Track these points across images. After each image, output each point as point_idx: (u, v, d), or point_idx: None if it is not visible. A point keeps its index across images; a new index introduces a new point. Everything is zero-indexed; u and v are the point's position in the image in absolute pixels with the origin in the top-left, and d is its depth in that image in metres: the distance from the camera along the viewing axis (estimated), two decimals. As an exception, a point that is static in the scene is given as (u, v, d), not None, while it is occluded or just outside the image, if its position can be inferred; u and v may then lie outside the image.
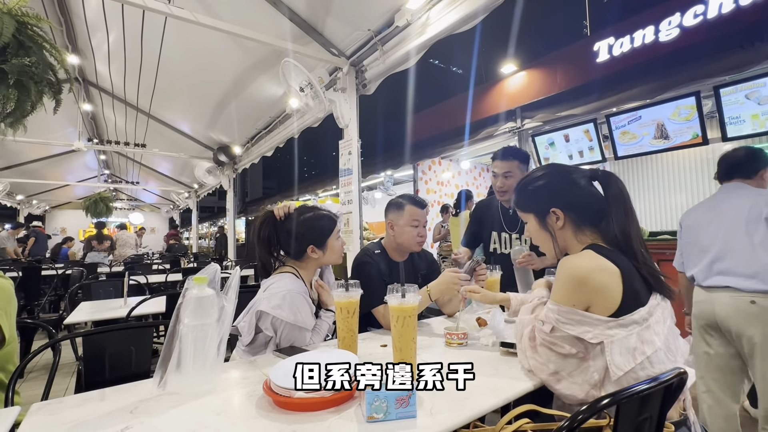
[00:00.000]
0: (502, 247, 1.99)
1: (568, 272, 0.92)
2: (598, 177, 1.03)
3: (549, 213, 1.03)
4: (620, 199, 0.98)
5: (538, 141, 4.41)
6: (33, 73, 1.75)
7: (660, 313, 0.90)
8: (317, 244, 1.39)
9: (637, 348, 0.84)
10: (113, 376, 1.27)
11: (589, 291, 0.88)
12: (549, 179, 1.06)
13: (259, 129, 5.62)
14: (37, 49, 1.79)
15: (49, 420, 0.80)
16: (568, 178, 1.03)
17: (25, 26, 1.75)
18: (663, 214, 5.82)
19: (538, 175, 1.08)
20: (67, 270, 4.91)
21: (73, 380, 2.83)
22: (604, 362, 0.86)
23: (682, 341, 0.96)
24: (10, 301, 1.07)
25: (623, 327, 0.86)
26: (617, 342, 0.85)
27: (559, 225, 1.02)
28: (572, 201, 1.01)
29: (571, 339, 0.90)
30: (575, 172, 1.05)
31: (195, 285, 0.99)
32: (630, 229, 0.96)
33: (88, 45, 4.32)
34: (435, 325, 1.58)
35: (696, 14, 3.15)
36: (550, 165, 1.12)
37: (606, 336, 0.86)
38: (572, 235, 1.01)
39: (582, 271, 0.90)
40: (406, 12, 2.66)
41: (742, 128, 3.06)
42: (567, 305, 0.90)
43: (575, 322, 0.89)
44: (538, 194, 1.06)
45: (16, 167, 7.84)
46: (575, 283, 0.90)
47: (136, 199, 13.83)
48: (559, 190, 1.03)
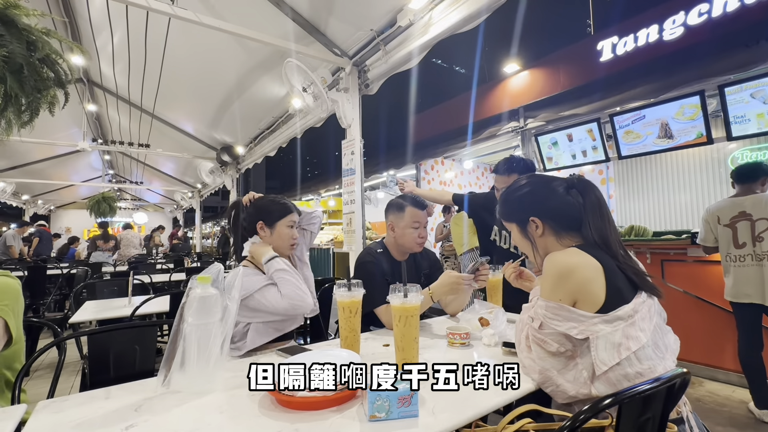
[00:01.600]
0: (501, 241, 2.02)
1: (553, 267, 0.95)
2: (575, 185, 1.07)
3: (528, 222, 1.07)
4: (597, 205, 1.03)
5: (541, 140, 4.40)
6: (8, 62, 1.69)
7: (646, 310, 0.91)
8: (266, 222, 1.48)
9: (622, 344, 0.86)
10: (118, 375, 1.28)
11: (574, 284, 0.90)
12: (528, 189, 1.11)
13: (262, 129, 5.64)
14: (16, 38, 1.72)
15: (55, 418, 0.81)
16: (547, 188, 1.08)
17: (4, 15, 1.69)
18: (667, 214, 5.78)
19: (518, 185, 1.14)
20: (71, 269, 4.94)
21: (78, 378, 2.85)
22: (591, 359, 0.88)
23: (672, 338, 0.98)
24: (17, 300, 1.08)
25: (608, 323, 0.88)
26: (602, 338, 0.87)
27: (539, 233, 1.06)
28: (550, 209, 1.06)
29: (558, 337, 0.92)
30: (553, 181, 1.10)
31: (199, 284, 1.00)
32: (608, 233, 1.00)
33: (93, 46, 4.35)
34: (437, 324, 1.58)
35: (700, 13, 3.13)
36: (529, 176, 1.17)
37: (591, 332, 0.88)
38: (554, 241, 1.05)
39: (567, 266, 0.93)
40: (408, 12, 2.66)
41: (747, 127, 3.04)
42: (554, 300, 0.93)
43: (562, 318, 0.91)
44: (519, 204, 1.12)
45: (22, 167, 7.91)
46: (560, 276, 0.92)
47: (140, 199, 13.91)
48: (538, 200, 1.08)
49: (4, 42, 1.72)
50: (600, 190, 1.07)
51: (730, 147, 5.05)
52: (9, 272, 1.11)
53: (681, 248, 2.97)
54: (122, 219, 12.54)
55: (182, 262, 5.92)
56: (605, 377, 0.87)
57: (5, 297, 1.04)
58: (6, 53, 1.71)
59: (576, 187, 1.06)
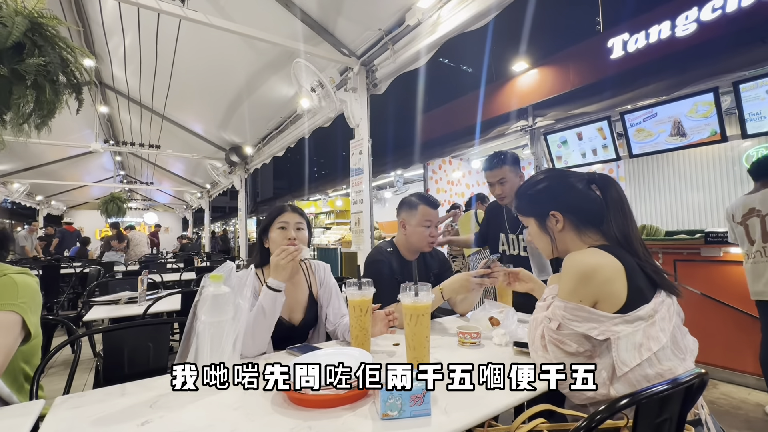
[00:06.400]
0: (510, 249, 2.01)
1: (574, 267, 0.93)
2: (596, 181, 1.05)
3: (548, 216, 1.05)
4: (618, 202, 1.00)
5: (551, 139, 4.36)
6: (48, 72, 1.78)
7: (665, 310, 0.90)
8: (264, 233, 1.41)
9: (643, 344, 0.85)
10: (132, 372, 1.30)
11: (596, 286, 0.89)
12: (547, 183, 1.09)
13: (271, 129, 5.68)
14: (52, 49, 1.82)
15: (73, 413, 0.83)
16: (566, 182, 1.06)
17: (40, 26, 1.78)
18: (680, 214, 5.69)
19: (537, 179, 1.12)
20: (84, 268, 5.03)
21: (92, 375, 2.90)
22: (610, 359, 0.87)
23: (691, 339, 0.96)
24: (34, 298, 1.10)
25: (629, 323, 0.86)
26: (623, 338, 0.86)
27: (559, 227, 1.04)
28: (571, 204, 1.04)
29: (578, 337, 0.90)
30: (573, 176, 1.08)
31: (211, 283, 1.01)
32: (630, 230, 0.98)
33: (105, 49, 4.42)
34: (448, 324, 1.57)
35: (714, 8, 3.07)
36: (548, 170, 1.16)
37: (612, 332, 0.86)
38: (575, 236, 1.03)
39: (589, 267, 0.91)
40: (416, 11, 2.66)
41: (763, 125, 2.97)
42: (574, 301, 0.91)
43: (582, 318, 0.89)
44: (538, 198, 1.09)
45: (36, 168, 8.06)
46: (581, 278, 0.90)
47: (150, 200, 14.09)
48: (558, 194, 1.06)
49: (44, 53, 1.79)
50: (621, 186, 1.05)
51: (745, 145, 4.94)
52: (28, 270, 1.14)
53: (694, 248, 2.92)
54: (132, 219, 12.72)
55: (192, 262, 5.98)
56: (625, 378, 0.85)
57: (23, 294, 1.06)
58: (43, 62, 1.77)
59: (596, 182, 1.04)
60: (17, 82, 1.75)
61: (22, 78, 1.75)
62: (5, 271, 1.09)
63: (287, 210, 1.41)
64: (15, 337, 1.02)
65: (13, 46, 1.69)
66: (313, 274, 1.52)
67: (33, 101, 1.87)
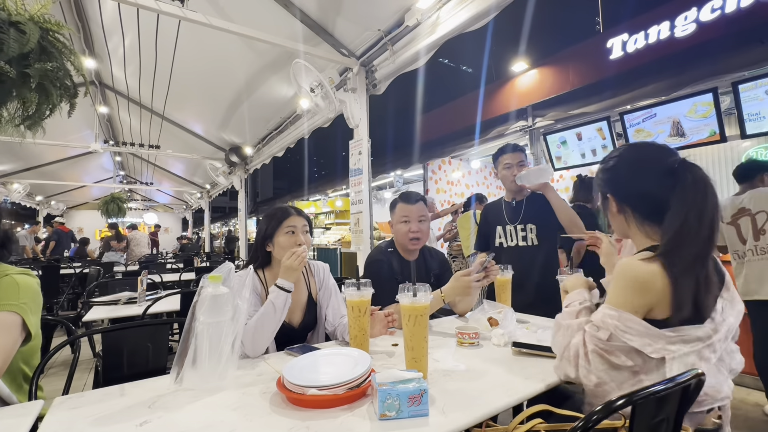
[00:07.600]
0: (507, 240, 2.02)
1: (631, 275, 0.85)
2: (675, 170, 0.91)
3: (609, 200, 1.00)
4: (694, 194, 0.86)
5: (550, 139, 4.36)
6: (54, 77, 1.82)
7: (725, 331, 0.85)
8: (267, 238, 1.39)
9: (695, 364, 0.81)
10: (131, 372, 1.30)
11: (653, 295, 0.83)
12: (614, 163, 1.01)
13: (270, 130, 5.68)
14: (58, 54, 1.85)
15: (72, 414, 0.83)
16: (637, 166, 0.97)
17: (46, 32, 1.81)
18: (679, 214, 5.69)
19: (611, 155, 1.02)
20: (84, 269, 5.03)
21: (90, 376, 2.90)
22: (659, 378, 0.81)
23: (738, 358, 0.92)
24: (35, 299, 1.10)
25: (686, 343, 0.81)
26: (678, 359, 0.81)
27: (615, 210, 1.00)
28: (632, 192, 0.97)
29: (629, 350, 0.85)
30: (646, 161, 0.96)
31: (210, 283, 1.01)
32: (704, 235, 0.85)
33: (105, 49, 4.42)
34: (446, 324, 1.58)
35: (713, 9, 3.08)
36: (632, 145, 1.03)
37: (668, 351, 0.81)
38: (636, 226, 0.96)
39: (645, 275, 0.84)
40: (416, 11, 2.66)
41: (762, 125, 2.98)
42: (628, 311, 0.84)
43: (637, 332, 0.83)
44: (606, 177, 1.02)
45: (36, 169, 8.06)
46: (638, 286, 0.84)
47: (150, 200, 14.10)
48: (621, 177, 0.99)
49: (51, 58, 1.83)
50: (709, 177, 0.88)
51: (744, 145, 4.94)
52: (29, 270, 1.14)
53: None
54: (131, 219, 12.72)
55: (191, 262, 5.98)
56: None
57: (24, 295, 1.06)
58: (51, 68, 1.81)
59: (677, 172, 0.89)
60: (21, 85, 1.78)
61: (26, 81, 1.77)
62: (7, 271, 1.09)
63: (293, 213, 1.41)
64: (15, 338, 1.02)
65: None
66: (312, 276, 1.52)
67: (36, 104, 1.89)
